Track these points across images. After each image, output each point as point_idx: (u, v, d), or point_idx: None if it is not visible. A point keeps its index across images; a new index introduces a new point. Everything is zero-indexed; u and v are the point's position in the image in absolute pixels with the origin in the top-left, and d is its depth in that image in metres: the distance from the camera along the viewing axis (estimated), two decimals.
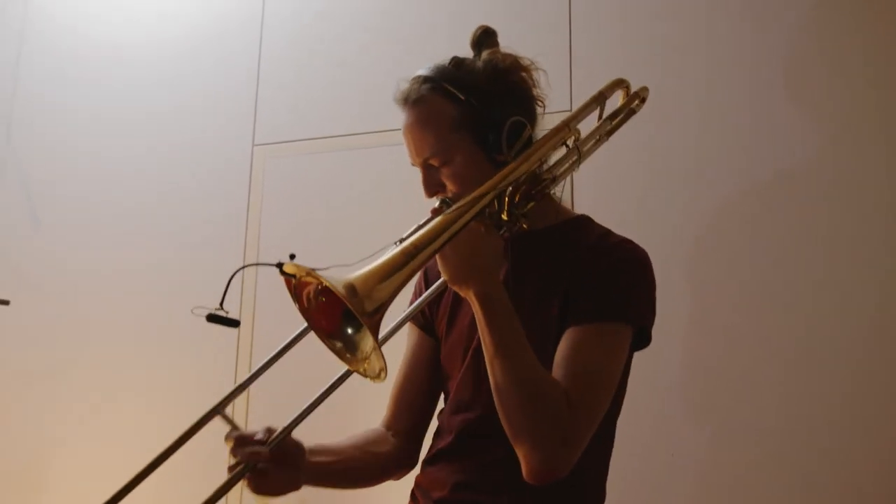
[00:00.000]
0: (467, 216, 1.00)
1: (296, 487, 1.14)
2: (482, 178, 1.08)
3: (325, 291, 0.96)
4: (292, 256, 0.99)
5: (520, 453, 1.02)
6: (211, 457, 1.53)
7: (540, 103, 1.21)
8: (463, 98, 1.12)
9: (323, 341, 1.00)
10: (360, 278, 0.93)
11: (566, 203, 1.27)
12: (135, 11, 2.96)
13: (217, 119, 2.74)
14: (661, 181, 2.19)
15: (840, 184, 2.03)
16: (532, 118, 1.17)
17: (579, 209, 1.30)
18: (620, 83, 1.23)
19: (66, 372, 2.69)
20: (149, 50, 2.90)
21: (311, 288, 0.99)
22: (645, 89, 1.24)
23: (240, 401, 2.47)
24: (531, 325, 1.09)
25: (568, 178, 1.23)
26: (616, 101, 1.33)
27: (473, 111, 1.12)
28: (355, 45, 2.63)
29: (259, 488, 1.10)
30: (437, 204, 1.13)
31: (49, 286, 2.80)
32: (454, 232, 0.99)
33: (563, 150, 1.20)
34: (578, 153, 1.18)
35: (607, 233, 1.20)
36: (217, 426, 1.12)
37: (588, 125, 1.23)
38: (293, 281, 0.99)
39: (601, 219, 1.25)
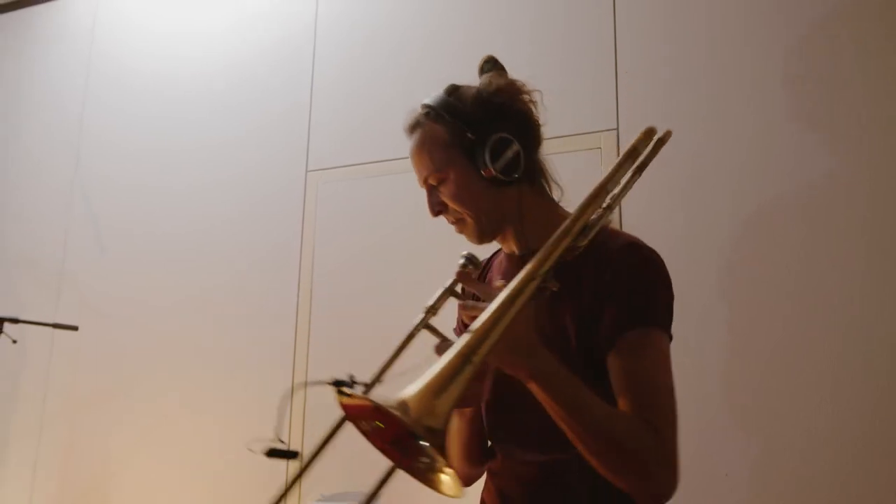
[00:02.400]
0: (517, 305, 0.96)
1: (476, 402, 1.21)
2: (475, 193, 1.18)
3: (383, 414, 0.91)
4: (352, 379, 1.02)
5: (628, 490, 1.05)
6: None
7: (533, 122, 1.24)
8: (450, 120, 1.20)
9: (405, 470, 0.98)
10: (416, 397, 0.86)
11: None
12: (191, 48, 3.09)
13: (271, 147, 2.83)
14: (699, 191, 2.17)
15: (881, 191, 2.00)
16: (524, 136, 1.21)
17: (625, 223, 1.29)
18: (650, 133, 1.16)
19: (131, 394, 2.79)
20: (204, 84, 3.02)
21: (368, 412, 0.96)
22: (669, 133, 1.16)
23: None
24: (554, 345, 1.08)
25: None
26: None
27: (461, 131, 1.19)
28: (404, 69, 2.69)
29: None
30: (461, 261, 1.16)
31: (115, 312, 2.91)
32: (506, 325, 0.94)
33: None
34: (611, 208, 1.12)
35: (616, 235, 1.18)
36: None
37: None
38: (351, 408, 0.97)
39: (644, 232, 1.23)
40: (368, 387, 1.10)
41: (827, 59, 2.13)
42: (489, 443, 1.30)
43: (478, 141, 1.17)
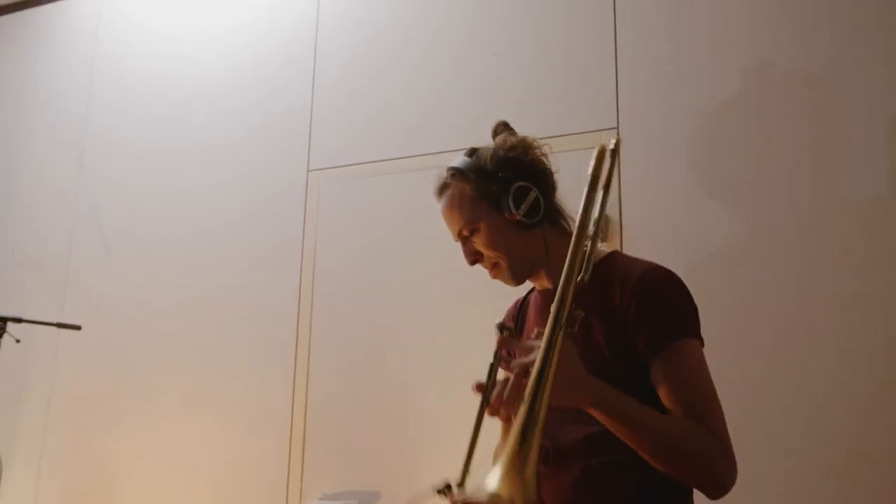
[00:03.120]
0: (556, 352, 1.02)
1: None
2: (506, 237, 1.34)
3: None
4: (448, 486, 1.17)
5: (695, 486, 1.18)
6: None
7: (547, 170, 1.40)
8: (474, 177, 1.36)
9: None
10: (504, 482, 0.91)
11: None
12: (194, 49, 3.10)
13: (273, 146, 2.84)
14: (702, 192, 2.17)
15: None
16: (540, 182, 1.37)
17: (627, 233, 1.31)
18: (602, 153, 1.19)
19: (134, 394, 2.80)
20: (207, 84, 3.03)
21: None
22: (619, 142, 1.19)
23: (298, 411, 2.53)
24: (590, 364, 1.15)
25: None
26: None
27: (486, 185, 1.35)
28: (407, 69, 2.70)
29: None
30: (496, 331, 1.19)
31: (119, 312, 2.92)
32: (550, 377, 1.00)
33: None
34: (598, 234, 1.21)
35: (636, 262, 1.33)
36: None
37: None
38: None
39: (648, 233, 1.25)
40: (461, 484, 1.20)
41: (830, 56, 2.13)
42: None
43: (501, 191, 1.33)
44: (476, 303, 2.30)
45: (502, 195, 1.33)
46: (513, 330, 1.29)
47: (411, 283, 2.49)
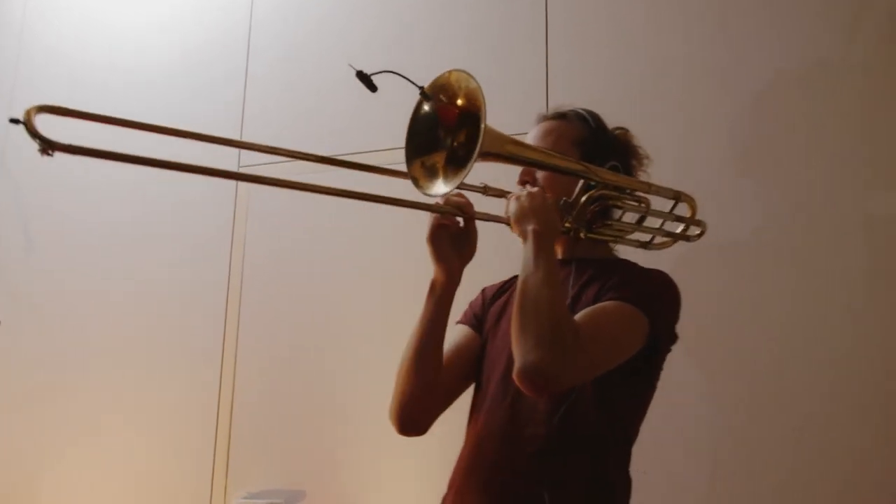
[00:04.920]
0: (561, 161, 1.32)
1: (440, 260, 1.33)
2: (568, 190, 1.35)
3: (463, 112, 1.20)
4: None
5: (518, 350, 1.12)
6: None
7: (631, 175, 1.47)
8: (591, 129, 1.42)
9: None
10: (493, 130, 1.15)
11: None
12: (126, 39, 3.03)
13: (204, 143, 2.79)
14: None
15: None
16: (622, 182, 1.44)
17: None
18: (690, 199, 1.50)
19: (56, 392, 2.72)
20: (137, 76, 2.96)
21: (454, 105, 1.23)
22: (705, 225, 1.50)
23: (225, 395, 2.50)
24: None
25: None
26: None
27: (592, 141, 1.40)
28: (339, 70, 2.66)
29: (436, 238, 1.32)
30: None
31: (40, 307, 2.84)
32: (551, 162, 1.31)
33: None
34: (646, 214, 1.44)
35: (641, 266, 1.39)
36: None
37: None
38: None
39: None
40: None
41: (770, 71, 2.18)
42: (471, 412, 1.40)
43: (600, 158, 1.38)
44: (403, 303, 2.29)
45: (598, 160, 1.37)
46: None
47: (340, 281, 2.48)
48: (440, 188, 1.19)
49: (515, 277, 1.43)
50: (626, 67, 2.30)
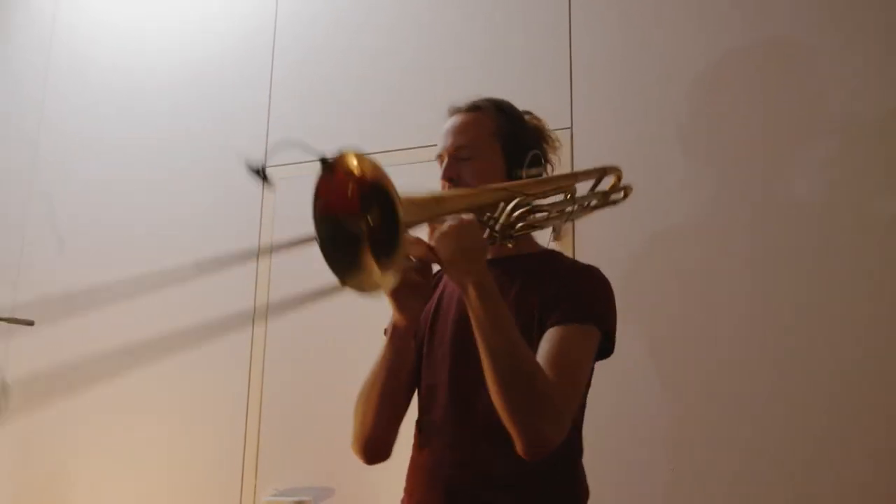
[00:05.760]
0: (486, 196, 1.25)
1: (403, 310, 1.25)
2: (495, 182, 1.33)
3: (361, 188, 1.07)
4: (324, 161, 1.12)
5: (514, 429, 1.12)
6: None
7: (552, 166, 1.48)
8: (507, 119, 1.41)
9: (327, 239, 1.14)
10: (407, 198, 1.03)
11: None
12: (153, 41, 3.07)
13: (230, 141, 2.82)
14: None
15: None
16: (545, 164, 1.45)
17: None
18: (615, 170, 1.50)
19: (89, 390, 2.76)
20: (165, 78, 3.00)
21: (351, 182, 1.09)
22: (630, 188, 1.50)
23: (253, 409, 2.52)
24: (521, 318, 1.25)
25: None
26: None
27: (510, 131, 1.40)
28: (365, 67, 2.70)
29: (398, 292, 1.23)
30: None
31: (72, 307, 2.88)
32: (477, 203, 1.22)
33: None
34: (573, 204, 1.41)
35: (574, 261, 1.46)
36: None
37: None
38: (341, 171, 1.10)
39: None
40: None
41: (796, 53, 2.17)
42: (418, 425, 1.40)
43: (520, 147, 1.38)
44: None
45: (519, 150, 1.38)
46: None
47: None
48: (386, 282, 1.07)
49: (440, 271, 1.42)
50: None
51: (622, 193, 1.52)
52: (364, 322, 2.51)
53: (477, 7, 2.58)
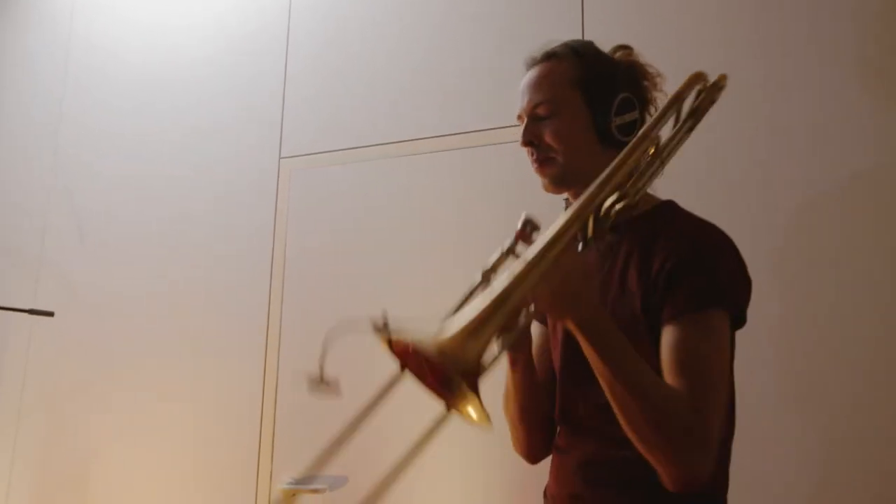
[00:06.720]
0: (552, 254, 0.97)
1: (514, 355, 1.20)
2: (579, 139, 1.19)
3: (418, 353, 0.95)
4: (385, 324, 1.01)
5: (658, 467, 1.01)
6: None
7: (654, 108, 1.26)
8: (587, 63, 1.22)
9: (431, 390, 1.01)
10: (451, 340, 0.89)
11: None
12: (169, 35, 3.10)
13: (245, 134, 2.84)
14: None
15: None
16: (643, 108, 1.24)
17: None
18: (698, 79, 1.18)
19: (108, 381, 2.80)
20: (181, 71, 3.03)
21: (405, 347, 0.98)
22: (724, 77, 1.17)
23: (267, 419, 2.55)
24: (620, 315, 1.11)
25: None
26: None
27: (593, 76, 1.21)
28: (380, 57, 2.70)
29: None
30: (520, 222, 1.10)
31: (92, 299, 2.92)
32: (544, 271, 0.95)
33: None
34: (661, 161, 1.13)
35: (687, 220, 1.19)
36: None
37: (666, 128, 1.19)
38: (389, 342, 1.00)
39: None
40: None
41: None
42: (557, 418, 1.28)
43: (606, 92, 1.19)
44: (448, 294, 2.31)
45: (605, 96, 1.19)
46: (538, 228, 1.07)
47: (383, 273, 2.51)
48: (477, 413, 0.95)
49: None
50: None
51: (717, 90, 1.19)
52: (380, 309, 2.52)
53: (492, 0, 2.58)
